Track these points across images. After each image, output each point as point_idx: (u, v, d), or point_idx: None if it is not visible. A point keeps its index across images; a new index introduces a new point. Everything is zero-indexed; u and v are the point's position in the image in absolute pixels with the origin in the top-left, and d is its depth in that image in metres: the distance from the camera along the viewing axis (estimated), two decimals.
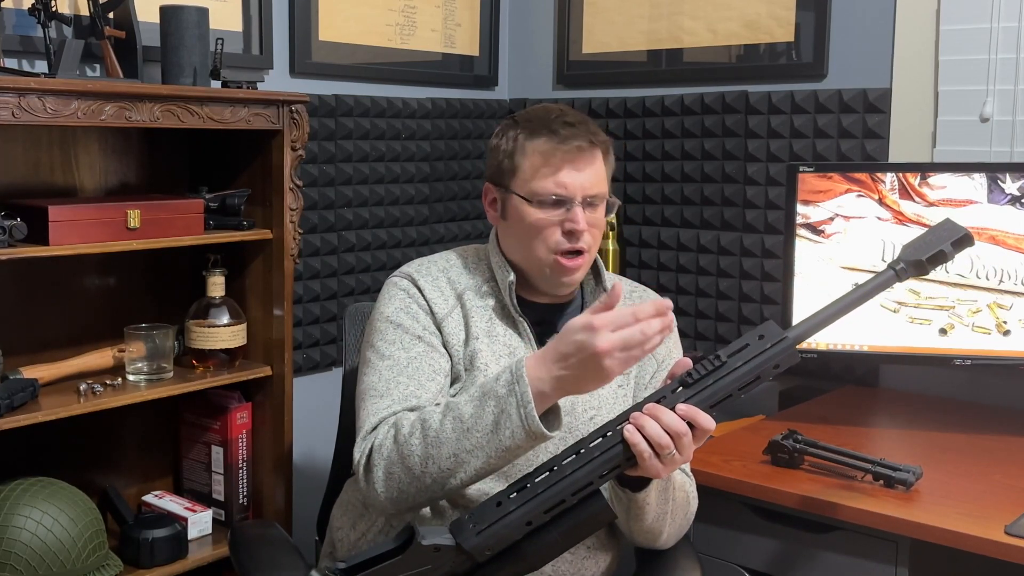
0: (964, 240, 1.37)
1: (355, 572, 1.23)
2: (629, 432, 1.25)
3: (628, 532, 1.52)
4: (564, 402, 1.43)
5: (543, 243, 1.53)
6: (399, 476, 1.40)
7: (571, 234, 1.52)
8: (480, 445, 1.34)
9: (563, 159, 1.52)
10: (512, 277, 1.57)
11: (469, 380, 1.53)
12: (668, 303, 1.29)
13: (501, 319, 1.58)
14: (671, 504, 1.49)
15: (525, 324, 1.57)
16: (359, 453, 1.45)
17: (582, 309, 1.62)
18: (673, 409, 1.26)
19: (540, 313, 1.61)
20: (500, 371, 1.36)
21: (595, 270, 1.64)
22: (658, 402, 1.27)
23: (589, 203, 1.54)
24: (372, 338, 1.57)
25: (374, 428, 1.46)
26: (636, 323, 1.27)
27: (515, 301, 1.57)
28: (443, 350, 1.55)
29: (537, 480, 1.26)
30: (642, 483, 1.39)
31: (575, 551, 1.50)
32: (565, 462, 1.26)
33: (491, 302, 1.59)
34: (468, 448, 1.35)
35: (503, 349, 1.56)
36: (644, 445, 1.24)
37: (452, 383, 1.55)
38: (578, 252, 1.54)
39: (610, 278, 1.66)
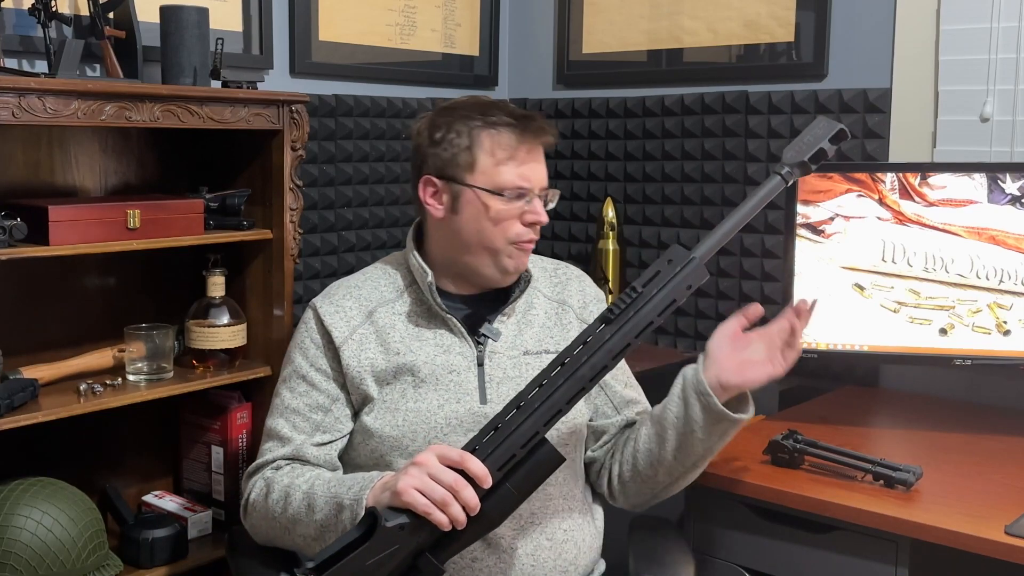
0: (840, 135, 1.43)
1: (325, 568, 1.25)
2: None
3: (669, 465, 1.55)
4: (489, 384, 1.54)
5: (502, 234, 1.55)
6: (266, 530, 1.56)
7: (532, 225, 1.57)
8: (328, 544, 1.35)
9: (529, 152, 1.55)
10: (430, 277, 1.57)
11: (408, 384, 1.54)
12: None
13: (428, 320, 1.59)
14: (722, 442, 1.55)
15: (454, 320, 1.58)
16: (243, 495, 1.60)
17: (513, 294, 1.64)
18: (602, 347, 1.31)
19: (471, 305, 1.62)
20: (353, 494, 1.38)
21: None
22: (585, 342, 1.32)
23: (542, 195, 1.58)
24: (281, 371, 1.66)
25: (255, 472, 1.58)
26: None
27: (438, 300, 1.57)
28: (326, 385, 1.58)
29: (485, 440, 1.30)
30: (738, 404, 1.50)
31: (552, 536, 1.52)
32: (508, 418, 1.30)
33: (413, 307, 1.60)
34: (319, 542, 1.43)
35: (435, 349, 1.57)
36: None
37: (364, 403, 1.57)
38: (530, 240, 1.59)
39: (538, 264, 1.70)
